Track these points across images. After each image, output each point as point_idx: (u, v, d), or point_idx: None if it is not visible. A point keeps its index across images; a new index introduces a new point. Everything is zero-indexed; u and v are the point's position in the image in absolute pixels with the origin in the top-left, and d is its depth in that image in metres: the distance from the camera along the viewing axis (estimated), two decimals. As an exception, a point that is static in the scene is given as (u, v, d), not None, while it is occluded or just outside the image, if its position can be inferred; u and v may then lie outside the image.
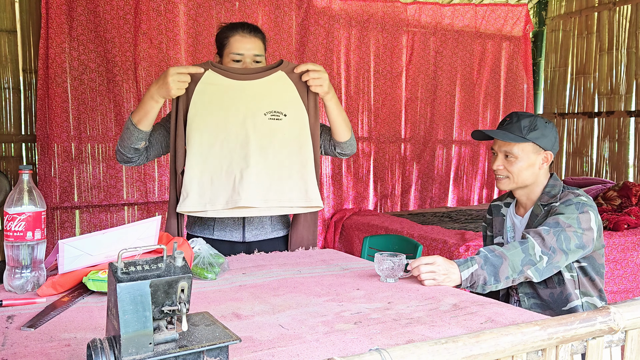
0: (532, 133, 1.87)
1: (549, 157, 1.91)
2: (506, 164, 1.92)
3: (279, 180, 1.91)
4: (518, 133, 1.88)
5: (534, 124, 1.88)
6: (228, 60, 2.01)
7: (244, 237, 2.07)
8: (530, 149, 1.89)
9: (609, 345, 1.12)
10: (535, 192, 1.94)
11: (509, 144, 1.90)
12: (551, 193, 1.90)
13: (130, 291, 0.85)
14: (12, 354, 1.05)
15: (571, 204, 1.81)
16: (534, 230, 1.77)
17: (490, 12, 5.69)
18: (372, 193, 5.33)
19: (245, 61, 2.00)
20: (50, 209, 3.87)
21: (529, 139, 1.87)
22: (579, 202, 1.81)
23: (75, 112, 3.95)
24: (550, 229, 1.75)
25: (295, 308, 1.36)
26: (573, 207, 1.80)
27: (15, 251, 1.42)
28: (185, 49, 4.30)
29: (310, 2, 4.78)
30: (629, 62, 5.16)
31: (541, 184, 1.93)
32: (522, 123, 1.88)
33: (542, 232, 1.74)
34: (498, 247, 1.73)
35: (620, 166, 5.27)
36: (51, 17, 3.77)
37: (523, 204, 1.99)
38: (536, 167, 1.91)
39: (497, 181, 1.97)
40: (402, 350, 0.86)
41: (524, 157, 1.89)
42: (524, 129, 1.87)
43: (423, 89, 5.46)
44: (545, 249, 1.72)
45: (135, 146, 1.91)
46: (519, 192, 1.97)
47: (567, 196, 1.85)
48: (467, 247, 3.47)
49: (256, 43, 2.02)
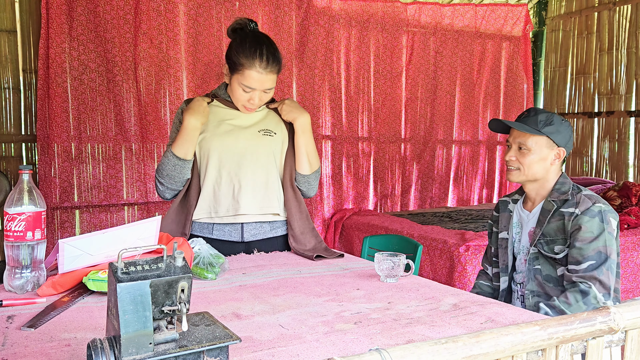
0: (547, 127, 1.90)
1: (561, 154, 1.93)
2: (519, 155, 1.94)
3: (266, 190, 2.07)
4: (534, 126, 1.91)
5: (551, 119, 1.91)
6: (238, 87, 1.97)
7: (243, 237, 2.07)
8: (544, 142, 1.91)
9: (609, 345, 1.12)
10: (545, 187, 1.95)
11: (524, 135, 1.92)
12: (561, 190, 1.91)
13: (130, 291, 0.85)
14: (12, 354, 1.05)
15: (594, 216, 1.80)
16: (590, 275, 1.76)
17: (490, 12, 5.69)
18: (372, 193, 5.33)
19: (255, 93, 1.98)
20: (50, 209, 3.87)
21: (543, 133, 1.89)
22: (600, 211, 1.81)
23: (75, 112, 3.95)
24: (602, 266, 1.76)
25: (295, 308, 1.36)
26: (597, 220, 1.80)
27: (15, 251, 1.42)
28: (185, 49, 4.30)
29: (310, 2, 4.78)
30: (629, 62, 5.16)
31: (552, 180, 1.94)
32: (539, 117, 1.91)
33: (597, 274, 1.75)
34: (557, 304, 1.74)
35: (620, 166, 5.27)
36: (51, 17, 3.77)
37: (532, 198, 2.00)
38: (548, 162, 1.92)
39: (508, 172, 1.99)
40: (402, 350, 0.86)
41: (536, 150, 1.91)
42: (539, 122, 1.90)
43: (423, 89, 5.46)
44: (606, 290, 1.75)
45: (187, 177, 2.04)
46: (528, 187, 1.98)
47: (585, 203, 1.83)
48: (467, 247, 3.47)
49: (271, 77, 1.96)
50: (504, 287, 2.01)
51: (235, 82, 1.97)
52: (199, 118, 1.97)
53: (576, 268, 1.79)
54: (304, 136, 2.09)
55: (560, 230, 1.85)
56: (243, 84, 1.95)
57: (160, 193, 2.07)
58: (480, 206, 5.51)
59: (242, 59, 1.93)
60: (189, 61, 4.32)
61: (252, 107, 2.02)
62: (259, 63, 1.92)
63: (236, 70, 1.96)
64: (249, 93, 1.97)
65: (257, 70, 1.93)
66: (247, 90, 1.96)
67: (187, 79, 4.33)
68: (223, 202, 2.03)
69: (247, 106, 2.01)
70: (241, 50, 1.93)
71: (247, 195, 2.03)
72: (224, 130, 2.05)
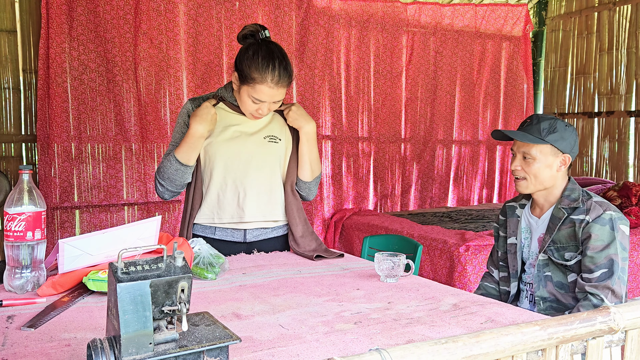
0: (551, 135, 1.87)
1: (567, 160, 1.90)
2: (524, 164, 1.92)
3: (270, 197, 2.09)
4: (537, 135, 1.88)
5: (554, 126, 1.88)
6: (247, 97, 1.94)
7: (245, 237, 2.08)
8: (549, 150, 1.88)
9: (609, 345, 1.12)
10: (553, 194, 1.93)
11: (527, 145, 1.90)
12: (571, 197, 1.89)
13: (130, 291, 0.85)
14: (12, 354, 1.05)
15: (605, 224, 1.80)
16: (603, 285, 1.76)
17: (490, 12, 5.69)
18: (372, 193, 5.33)
19: (264, 104, 1.95)
20: (50, 209, 3.87)
21: (547, 141, 1.86)
22: (611, 219, 1.80)
23: (75, 112, 3.95)
24: (614, 274, 1.76)
25: (295, 308, 1.36)
26: (608, 228, 1.79)
27: (15, 251, 1.42)
28: (186, 49, 4.30)
29: (310, 2, 4.78)
30: (629, 62, 5.16)
31: (560, 186, 1.93)
32: (542, 125, 1.88)
33: (610, 283, 1.75)
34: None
35: (620, 166, 5.27)
36: (51, 17, 3.77)
37: (540, 205, 1.98)
38: (554, 169, 1.90)
39: (516, 183, 1.96)
40: (402, 350, 0.86)
41: (541, 159, 1.88)
42: (543, 130, 1.87)
43: (423, 89, 5.46)
44: (618, 299, 1.75)
45: (188, 181, 2.05)
46: (537, 194, 1.96)
47: (596, 210, 1.83)
48: (467, 247, 3.47)
49: (281, 91, 1.93)
50: (514, 292, 2.00)
51: (245, 93, 1.94)
52: (205, 126, 1.95)
53: (589, 277, 1.79)
54: (308, 144, 2.09)
55: (572, 237, 1.84)
56: (253, 96, 1.92)
57: (160, 194, 2.07)
58: (480, 206, 5.51)
59: (254, 73, 1.89)
60: (189, 61, 4.32)
61: (260, 117, 2.01)
62: (270, 78, 1.88)
63: (247, 82, 1.91)
64: (257, 104, 1.95)
65: (268, 85, 1.89)
66: (257, 102, 1.94)
67: (187, 79, 4.33)
68: (227, 209, 2.04)
69: (254, 115, 2.00)
70: (253, 64, 1.89)
71: (252, 204, 2.04)
72: (230, 137, 2.04)
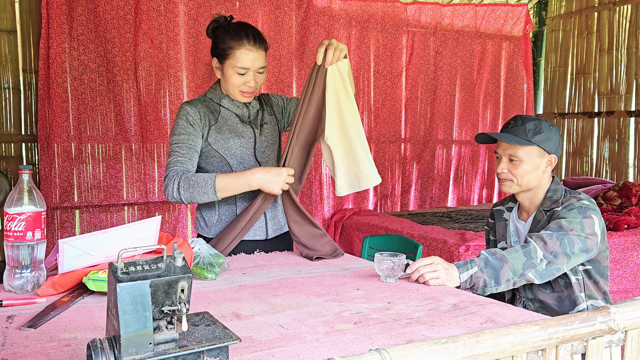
0: (537, 136, 1.86)
1: (552, 161, 1.91)
2: (510, 167, 1.91)
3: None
4: (523, 136, 1.87)
5: (539, 127, 1.87)
6: (232, 72, 1.98)
7: (267, 233, 2.11)
8: (535, 152, 1.88)
9: (609, 345, 1.12)
10: (538, 196, 1.93)
11: (514, 147, 1.89)
12: (553, 198, 1.90)
13: (130, 291, 0.85)
14: (12, 354, 1.05)
15: (573, 208, 1.81)
16: (537, 235, 1.76)
17: (490, 12, 5.69)
18: (372, 193, 5.33)
19: (249, 74, 1.98)
20: (50, 209, 3.87)
21: (534, 142, 1.86)
22: (581, 207, 1.81)
23: (75, 112, 3.95)
24: (553, 233, 1.75)
25: (295, 308, 1.36)
26: (575, 211, 1.80)
27: (15, 251, 1.42)
28: (186, 49, 4.30)
29: (310, 2, 4.78)
30: (629, 62, 5.16)
31: (544, 187, 1.93)
32: (527, 126, 1.87)
33: (545, 236, 1.74)
34: (499, 250, 1.73)
35: (620, 166, 5.27)
36: (51, 17, 3.77)
37: (526, 208, 1.98)
38: (540, 170, 1.90)
39: (501, 184, 1.95)
40: (402, 350, 0.86)
41: (528, 160, 1.88)
42: (529, 132, 1.86)
43: (423, 89, 5.46)
44: (547, 252, 1.72)
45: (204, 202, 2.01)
46: (522, 196, 1.96)
47: (569, 200, 1.85)
48: (467, 247, 3.47)
49: (261, 54, 1.99)
50: (509, 297, 2.00)
51: (229, 68, 1.98)
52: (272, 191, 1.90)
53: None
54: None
55: None
56: (236, 66, 1.96)
57: (172, 199, 1.95)
58: (480, 206, 5.51)
59: (230, 42, 1.95)
60: (189, 61, 4.32)
61: (249, 91, 2.01)
62: (247, 41, 1.95)
63: (226, 56, 1.97)
64: (243, 76, 1.98)
65: (247, 48, 1.95)
66: (242, 72, 1.97)
67: (187, 79, 4.33)
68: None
69: (244, 90, 2.01)
70: (227, 35, 1.97)
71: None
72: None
